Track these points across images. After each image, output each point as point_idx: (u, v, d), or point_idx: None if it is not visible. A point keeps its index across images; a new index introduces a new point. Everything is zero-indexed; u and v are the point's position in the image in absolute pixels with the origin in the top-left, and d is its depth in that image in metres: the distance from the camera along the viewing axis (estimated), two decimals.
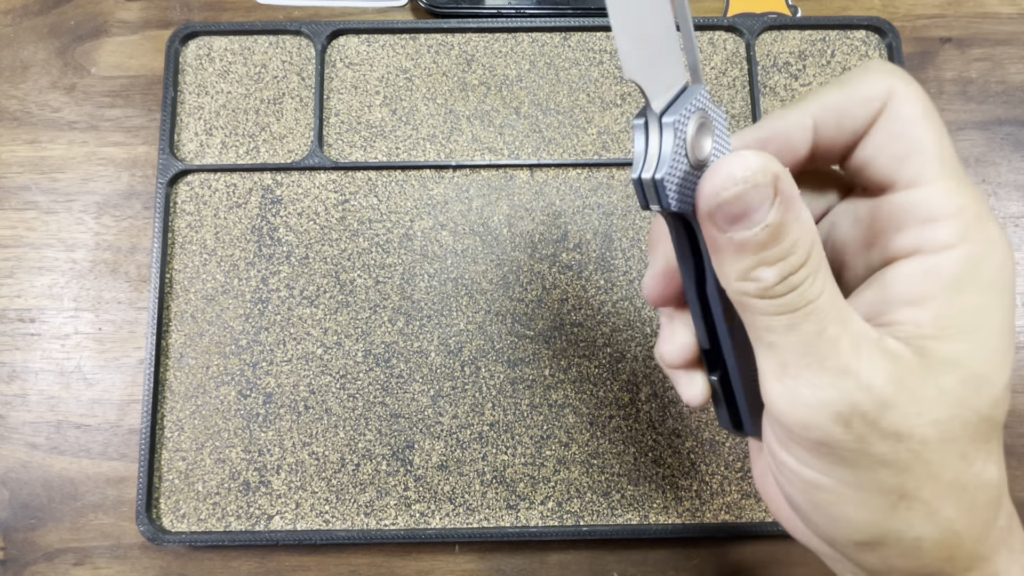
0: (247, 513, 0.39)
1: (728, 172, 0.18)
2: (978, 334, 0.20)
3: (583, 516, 0.39)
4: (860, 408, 0.19)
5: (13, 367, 0.41)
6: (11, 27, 0.45)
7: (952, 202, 0.20)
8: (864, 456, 0.19)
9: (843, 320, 0.20)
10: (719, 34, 0.44)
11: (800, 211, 0.19)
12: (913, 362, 0.19)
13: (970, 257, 0.20)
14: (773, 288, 0.19)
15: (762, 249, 0.19)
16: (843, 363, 0.19)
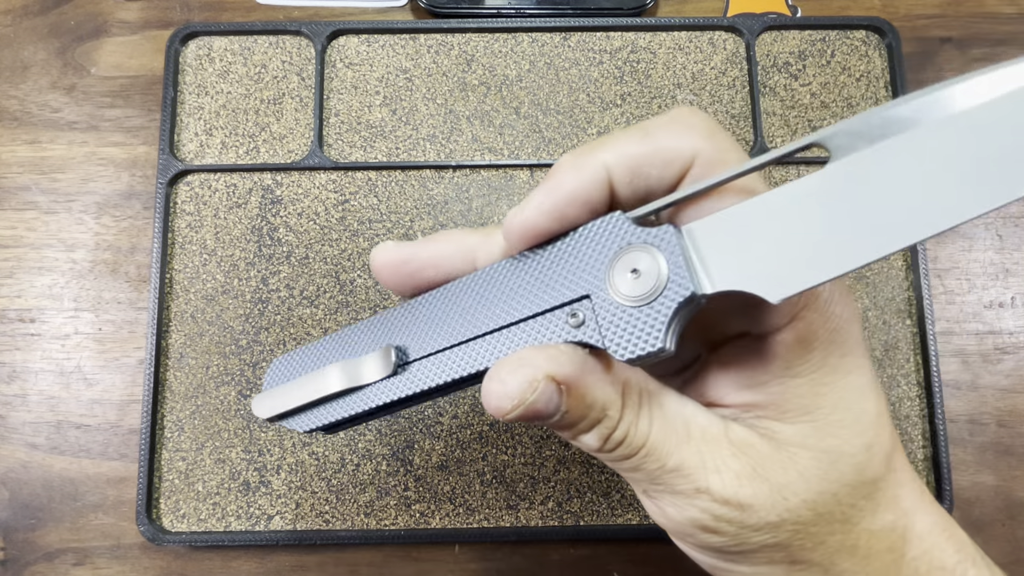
0: (247, 513, 0.39)
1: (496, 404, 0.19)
2: (818, 413, 0.20)
3: (583, 516, 0.39)
4: (722, 516, 0.20)
5: (13, 367, 0.41)
6: (11, 27, 0.45)
7: None
8: (745, 547, 0.20)
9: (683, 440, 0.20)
10: (719, 34, 0.44)
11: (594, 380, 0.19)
12: (765, 450, 0.20)
13: (797, 339, 0.20)
14: (601, 449, 0.20)
15: (573, 426, 0.20)
16: (693, 485, 0.20)
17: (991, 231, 0.43)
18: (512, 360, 0.19)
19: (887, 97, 0.43)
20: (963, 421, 0.40)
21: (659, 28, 0.44)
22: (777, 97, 0.43)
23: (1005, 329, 0.41)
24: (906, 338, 0.41)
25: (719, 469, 0.20)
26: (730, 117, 0.43)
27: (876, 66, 0.44)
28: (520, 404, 0.19)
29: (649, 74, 0.44)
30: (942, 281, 0.42)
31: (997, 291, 0.42)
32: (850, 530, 0.20)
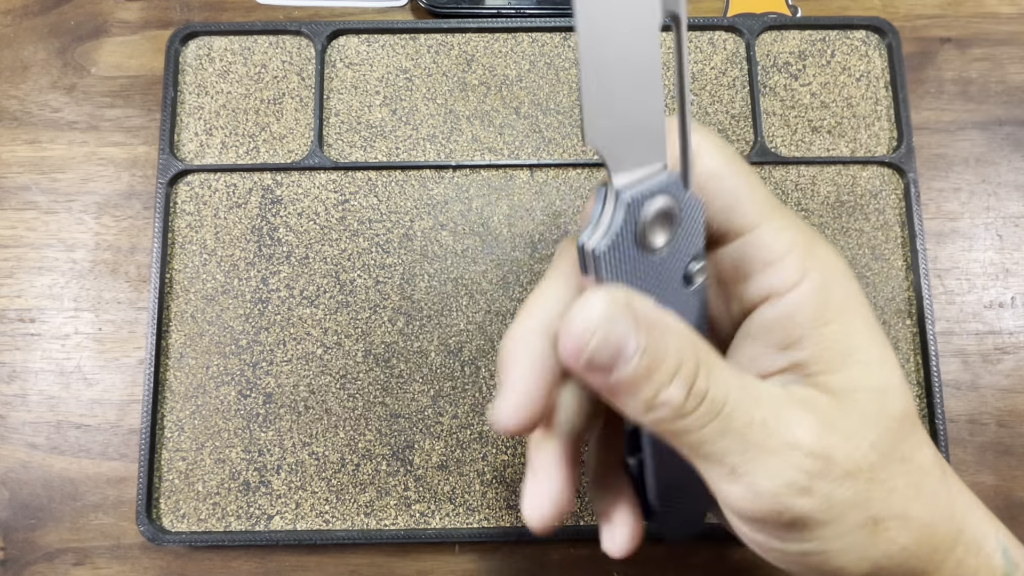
0: (247, 513, 0.39)
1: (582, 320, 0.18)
2: (858, 354, 0.21)
3: (583, 516, 0.39)
4: (814, 471, 0.19)
5: (13, 367, 0.41)
6: (11, 27, 0.45)
7: (782, 239, 0.21)
8: (832, 509, 0.20)
9: (759, 398, 0.20)
10: (719, 34, 0.44)
11: (667, 320, 0.19)
12: (825, 401, 0.20)
13: (816, 287, 0.21)
14: (684, 405, 0.19)
15: (652, 374, 0.19)
16: (781, 440, 0.19)
17: (991, 231, 0.43)
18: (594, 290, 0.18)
19: (887, 97, 0.43)
20: (963, 421, 0.40)
21: None
22: (777, 97, 0.43)
23: (1005, 329, 0.41)
24: (906, 338, 0.41)
25: (795, 424, 0.20)
26: (730, 117, 0.43)
27: (876, 66, 0.44)
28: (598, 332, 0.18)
29: None
30: (942, 281, 0.42)
31: (997, 291, 0.42)
32: (909, 469, 0.21)
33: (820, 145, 0.43)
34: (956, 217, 0.43)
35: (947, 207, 0.43)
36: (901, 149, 0.42)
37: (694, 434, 0.19)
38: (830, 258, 0.22)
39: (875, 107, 0.43)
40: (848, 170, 0.43)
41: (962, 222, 0.43)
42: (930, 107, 0.44)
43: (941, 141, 0.44)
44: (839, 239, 0.42)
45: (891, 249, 0.42)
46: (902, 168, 0.42)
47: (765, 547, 0.22)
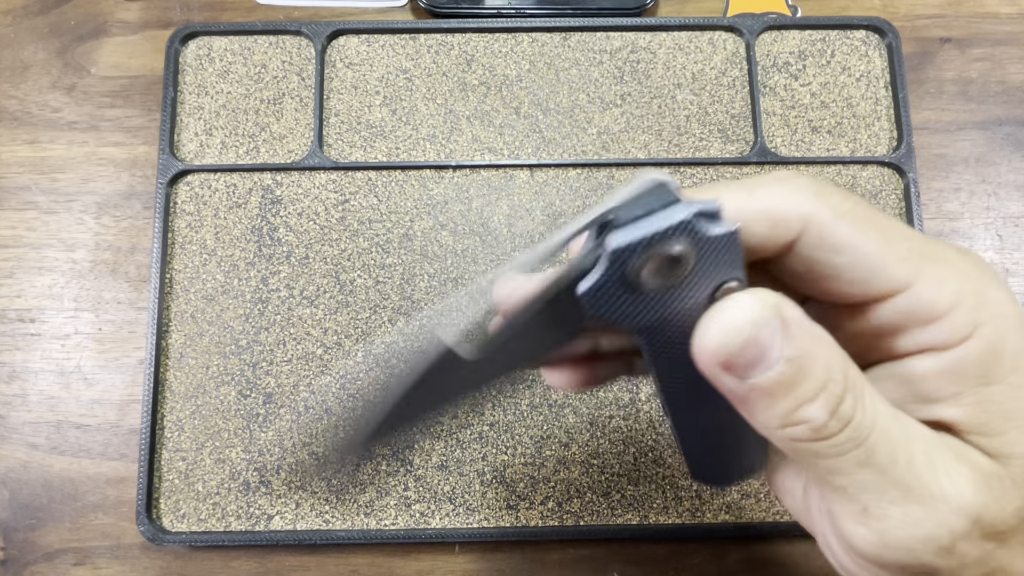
0: (247, 513, 0.39)
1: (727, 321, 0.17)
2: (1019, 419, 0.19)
3: (583, 516, 0.39)
4: (959, 531, 0.18)
5: (13, 367, 0.41)
6: (11, 27, 0.45)
7: (946, 292, 0.19)
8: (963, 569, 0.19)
9: (909, 436, 0.18)
10: (719, 34, 0.44)
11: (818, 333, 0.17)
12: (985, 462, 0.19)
13: (988, 344, 0.19)
14: (826, 426, 0.17)
15: (795, 386, 0.17)
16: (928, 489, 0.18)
17: (991, 231, 0.43)
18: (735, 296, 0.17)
19: (887, 97, 0.43)
20: None
21: (659, 28, 0.44)
22: (777, 97, 0.43)
23: None
24: None
25: (950, 474, 0.18)
26: (730, 117, 0.43)
27: (876, 66, 0.44)
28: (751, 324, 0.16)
29: (649, 74, 0.44)
30: None
31: None
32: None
33: (820, 145, 0.43)
34: (956, 217, 0.43)
35: (947, 207, 0.43)
36: (901, 149, 0.42)
37: (830, 461, 0.18)
38: (1005, 305, 0.19)
39: (875, 107, 0.43)
40: (848, 170, 0.43)
41: (962, 222, 0.43)
42: (930, 107, 0.44)
43: (941, 141, 0.44)
44: None
45: None
46: (902, 168, 0.42)
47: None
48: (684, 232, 0.16)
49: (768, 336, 0.17)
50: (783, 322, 0.17)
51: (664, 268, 0.17)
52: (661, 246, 0.16)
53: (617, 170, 0.42)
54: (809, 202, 0.18)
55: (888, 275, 0.19)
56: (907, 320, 0.19)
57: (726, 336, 0.17)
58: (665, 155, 0.43)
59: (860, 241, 0.18)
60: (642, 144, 0.43)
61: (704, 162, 0.42)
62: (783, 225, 0.19)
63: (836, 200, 0.19)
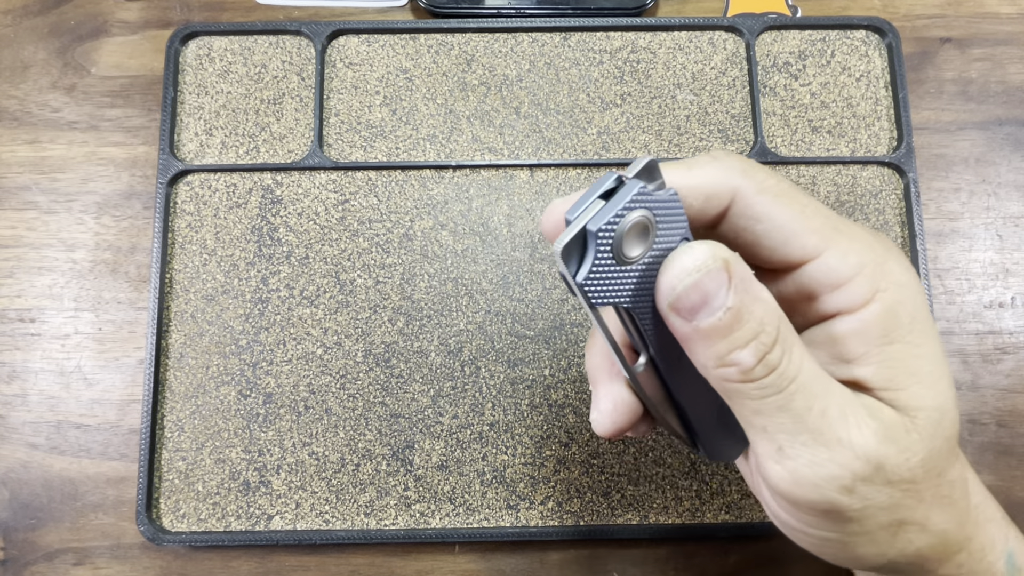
0: (247, 513, 0.39)
1: (680, 265, 0.19)
2: (922, 373, 0.21)
3: (583, 516, 0.39)
4: (860, 474, 0.20)
5: (13, 367, 0.41)
6: (11, 27, 0.45)
7: (849, 264, 0.21)
8: (866, 510, 0.21)
9: (827, 390, 0.21)
10: (719, 34, 0.44)
11: (759, 291, 0.20)
12: (893, 416, 0.21)
13: (885, 307, 0.21)
14: (753, 370, 0.20)
15: (730, 332, 0.20)
16: (836, 435, 0.20)
17: (991, 231, 0.43)
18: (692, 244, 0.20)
19: (887, 97, 0.43)
20: (963, 421, 0.40)
21: (659, 28, 0.44)
22: (777, 97, 0.43)
23: (1005, 329, 0.41)
24: None
25: (859, 425, 0.20)
26: (730, 117, 0.43)
27: (876, 66, 0.44)
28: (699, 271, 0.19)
29: (649, 74, 0.44)
30: (942, 281, 0.42)
31: (997, 291, 0.42)
32: (940, 483, 0.22)
33: (820, 145, 0.43)
34: (956, 217, 0.43)
35: (947, 207, 0.43)
36: (901, 149, 0.42)
37: (754, 402, 0.20)
38: (902, 275, 0.22)
39: (875, 107, 0.43)
40: (848, 170, 0.43)
41: (962, 222, 0.43)
42: (930, 107, 0.44)
43: (941, 141, 0.44)
44: None
45: None
46: (902, 168, 0.42)
47: (789, 526, 0.23)
48: (639, 201, 0.19)
49: (713, 284, 0.19)
50: (729, 275, 0.19)
51: (636, 235, 0.20)
52: (628, 217, 0.19)
53: (617, 170, 0.42)
54: (736, 178, 0.21)
55: (801, 243, 0.21)
56: (819, 285, 0.22)
57: (677, 279, 0.19)
58: (665, 155, 0.43)
59: (777, 212, 0.21)
60: (642, 144, 0.43)
61: None
62: (715, 198, 0.22)
63: (761, 176, 0.22)
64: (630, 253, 0.20)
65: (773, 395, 0.20)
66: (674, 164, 0.22)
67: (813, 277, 0.22)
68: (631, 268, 0.20)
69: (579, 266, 0.19)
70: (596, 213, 0.19)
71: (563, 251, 0.19)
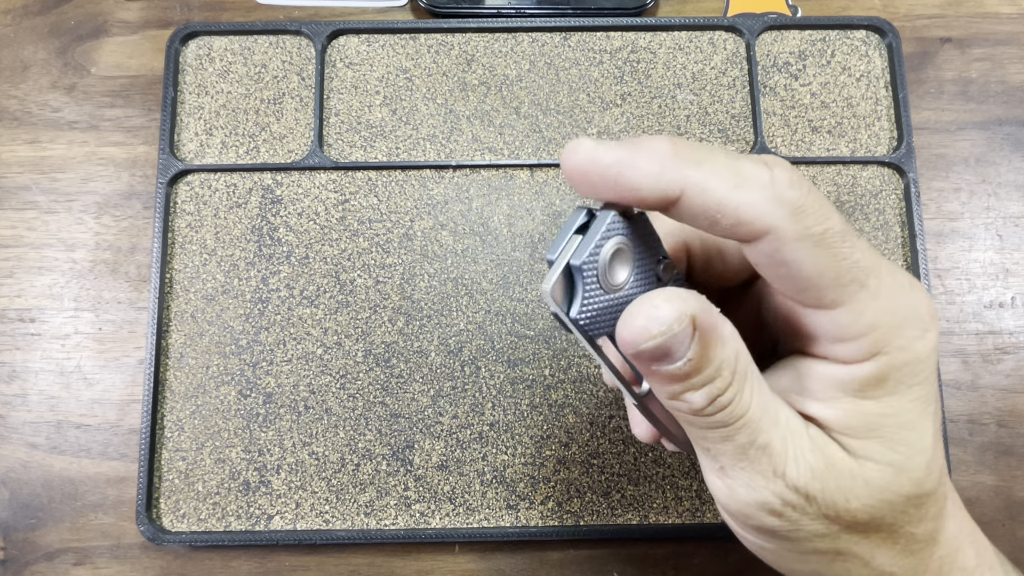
0: (247, 513, 0.39)
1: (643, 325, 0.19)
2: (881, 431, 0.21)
3: (583, 516, 0.39)
4: (790, 502, 0.21)
5: (13, 367, 0.41)
6: (11, 27, 0.45)
7: (861, 322, 0.20)
8: (798, 533, 0.22)
9: (774, 424, 0.21)
10: (719, 34, 0.44)
11: (721, 332, 0.20)
12: (837, 454, 0.21)
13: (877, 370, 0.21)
14: (703, 410, 0.20)
15: (687, 378, 0.20)
16: (773, 467, 0.21)
17: (991, 231, 0.43)
18: (667, 291, 0.20)
19: (887, 97, 0.43)
20: (963, 421, 0.40)
21: (659, 28, 0.44)
22: (777, 97, 0.43)
23: (1005, 329, 0.41)
24: None
25: (797, 459, 0.21)
26: (730, 117, 0.43)
27: (876, 66, 0.44)
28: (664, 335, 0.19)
29: (649, 74, 0.44)
30: (942, 281, 0.42)
31: (997, 291, 0.42)
32: (895, 531, 0.22)
33: (820, 145, 0.43)
34: (956, 217, 0.43)
35: (947, 207, 0.43)
36: (901, 149, 0.42)
37: (700, 430, 0.21)
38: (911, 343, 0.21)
39: (875, 107, 0.43)
40: (848, 170, 0.43)
41: (962, 222, 0.43)
42: (930, 107, 0.44)
43: (941, 141, 0.44)
44: None
45: (891, 249, 0.42)
46: (902, 168, 0.42)
47: (736, 532, 0.24)
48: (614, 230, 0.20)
49: (678, 343, 0.19)
50: (693, 329, 0.19)
51: (619, 262, 0.21)
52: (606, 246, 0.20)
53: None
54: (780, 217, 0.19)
55: (819, 295, 0.20)
56: (819, 331, 0.21)
57: (639, 337, 0.19)
58: None
59: (809, 263, 0.19)
60: None
61: None
62: (745, 227, 0.19)
63: (810, 221, 0.19)
64: (616, 280, 0.21)
65: (718, 428, 0.21)
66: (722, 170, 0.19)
67: (817, 323, 0.21)
68: (618, 296, 0.21)
69: (570, 303, 0.20)
70: (576, 248, 0.20)
71: (552, 291, 0.20)
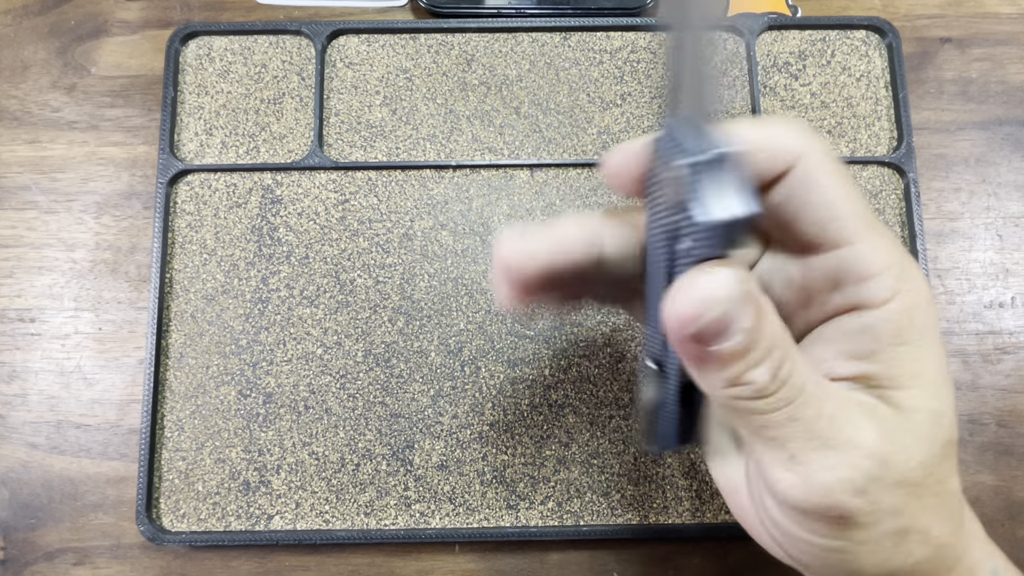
0: (247, 513, 0.39)
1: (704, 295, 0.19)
2: (924, 377, 0.22)
3: (583, 516, 0.39)
4: (871, 474, 0.20)
5: (13, 367, 0.41)
6: (11, 27, 0.45)
7: (880, 258, 0.21)
8: (876, 513, 0.21)
9: (828, 394, 0.21)
10: (719, 34, 0.44)
11: (766, 305, 0.20)
12: (887, 412, 0.21)
13: (904, 308, 0.21)
14: (767, 387, 0.20)
15: (747, 354, 0.19)
16: (845, 437, 0.20)
17: (991, 231, 0.43)
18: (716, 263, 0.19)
19: (887, 97, 0.43)
20: (963, 421, 0.40)
21: (659, 28, 0.44)
22: (777, 97, 0.43)
23: (1005, 329, 0.41)
24: None
25: (859, 427, 0.21)
26: (730, 117, 0.43)
27: (876, 66, 0.44)
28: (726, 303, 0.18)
29: (649, 74, 0.44)
30: (942, 281, 0.42)
31: (997, 291, 0.42)
32: (940, 491, 0.22)
33: None
34: (956, 217, 0.43)
35: (947, 207, 0.43)
36: (901, 149, 0.42)
37: (764, 416, 0.20)
38: (920, 282, 0.22)
39: (875, 107, 0.43)
40: (848, 170, 0.43)
41: (962, 222, 0.43)
42: (930, 107, 0.44)
43: (941, 141, 0.44)
44: None
45: None
46: (902, 168, 0.42)
47: (794, 537, 0.22)
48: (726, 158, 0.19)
49: (736, 313, 0.19)
50: (750, 298, 0.19)
51: None
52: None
53: None
54: (805, 142, 0.21)
55: (843, 226, 0.21)
56: (848, 274, 0.22)
57: (699, 309, 0.19)
58: None
59: (831, 189, 0.21)
60: None
61: None
62: (782, 155, 0.21)
63: (826, 147, 0.22)
64: None
65: (784, 407, 0.20)
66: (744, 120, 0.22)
67: (844, 264, 0.22)
68: None
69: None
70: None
71: None
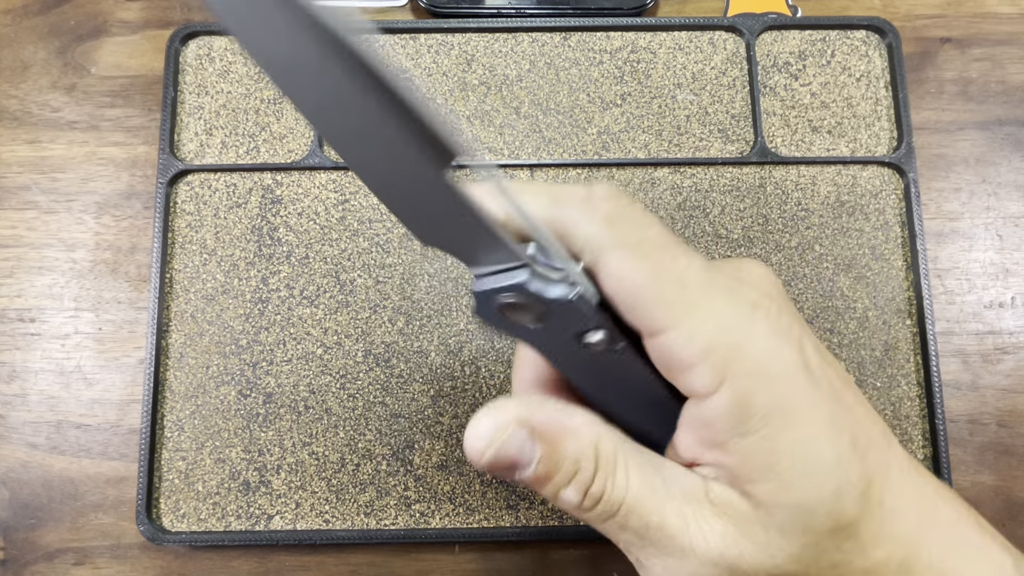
0: (247, 513, 0.39)
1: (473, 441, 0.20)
2: (779, 468, 0.19)
3: None
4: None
5: (13, 367, 0.41)
6: (11, 27, 0.45)
7: (696, 347, 0.19)
8: None
9: (665, 498, 0.20)
10: (719, 34, 0.44)
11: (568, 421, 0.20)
12: (744, 508, 0.20)
13: (732, 401, 0.19)
14: (581, 505, 0.20)
15: (550, 478, 0.20)
16: (679, 545, 0.20)
17: (991, 231, 0.43)
18: (487, 407, 0.20)
19: (887, 97, 0.43)
20: (963, 421, 0.40)
21: (659, 28, 0.44)
22: (777, 97, 0.43)
23: (1005, 329, 0.41)
24: (906, 338, 0.41)
25: (702, 529, 0.20)
26: (730, 117, 0.43)
27: (876, 66, 0.44)
28: (491, 446, 0.20)
29: (649, 74, 0.44)
30: (942, 281, 0.42)
31: (997, 291, 0.42)
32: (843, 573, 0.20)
33: (820, 145, 0.43)
34: (956, 217, 0.43)
35: (947, 207, 0.43)
36: (901, 149, 0.42)
37: (599, 525, 0.21)
38: (761, 359, 0.19)
39: (875, 107, 0.43)
40: (848, 170, 0.43)
41: (962, 222, 0.43)
42: (930, 107, 0.44)
43: (941, 141, 0.44)
44: (839, 239, 0.42)
45: (891, 249, 0.42)
46: (902, 168, 0.42)
47: None
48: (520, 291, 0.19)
49: (516, 447, 0.20)
50: (529, 430, 0.20)
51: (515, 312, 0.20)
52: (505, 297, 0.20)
53: (617, 170, 0.42)
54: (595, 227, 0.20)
55: (648, 314, 0.19)
56: (668, 362, 0.20)
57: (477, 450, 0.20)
58: (665, 155, 0.43)
59: (629, 274, 0.19)
60: (642, 144, 0.43)
61: (704, 162, 0.42)
62: (568, 241, 0.20)
63: (628, 230, 0.20)
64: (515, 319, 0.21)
65: (609, 519, 0.20)
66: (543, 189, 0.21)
67: (664, 352, 0.20)
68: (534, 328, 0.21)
69: None
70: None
71: None
